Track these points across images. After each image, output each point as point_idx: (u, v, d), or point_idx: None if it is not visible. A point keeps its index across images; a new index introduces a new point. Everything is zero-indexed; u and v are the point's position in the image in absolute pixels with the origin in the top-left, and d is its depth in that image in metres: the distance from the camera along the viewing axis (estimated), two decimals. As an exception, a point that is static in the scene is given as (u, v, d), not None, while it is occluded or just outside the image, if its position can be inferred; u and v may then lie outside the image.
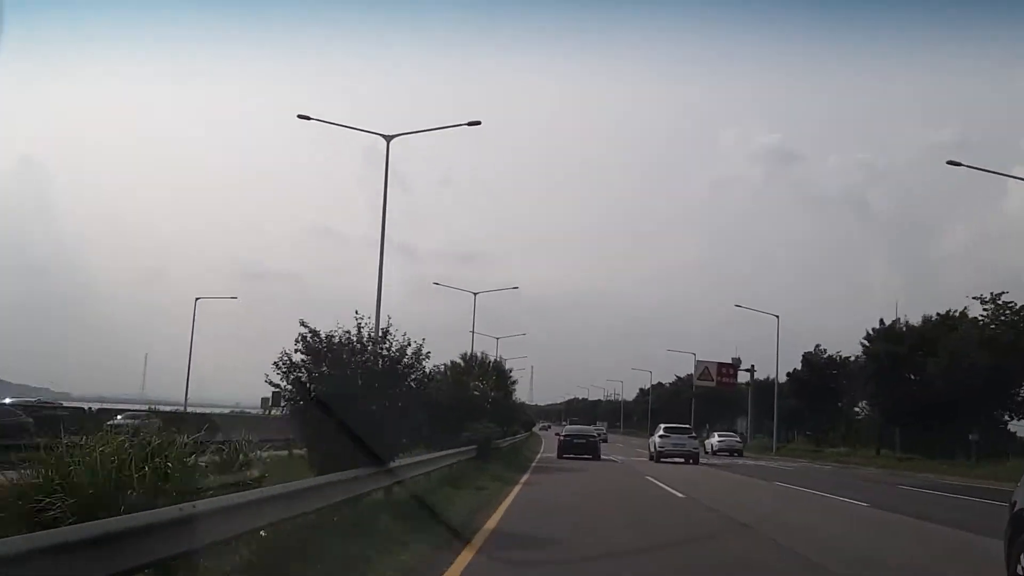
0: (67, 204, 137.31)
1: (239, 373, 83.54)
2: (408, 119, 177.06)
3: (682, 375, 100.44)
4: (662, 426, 39.67)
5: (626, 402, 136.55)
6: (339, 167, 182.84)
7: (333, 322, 12.41)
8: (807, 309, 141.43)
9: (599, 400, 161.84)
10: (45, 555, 4.30)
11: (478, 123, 30.43)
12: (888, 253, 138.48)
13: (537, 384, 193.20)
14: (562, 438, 38.66)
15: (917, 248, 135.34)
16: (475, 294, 55.22)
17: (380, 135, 28.69)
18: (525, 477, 23.34)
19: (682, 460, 35.61)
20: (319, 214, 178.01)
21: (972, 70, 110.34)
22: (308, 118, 28.86)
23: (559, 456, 35.89)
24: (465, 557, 8.91)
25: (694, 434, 40.50)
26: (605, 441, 62.06)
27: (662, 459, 35.68)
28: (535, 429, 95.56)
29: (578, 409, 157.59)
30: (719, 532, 12.81)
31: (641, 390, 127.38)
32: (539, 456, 37.63)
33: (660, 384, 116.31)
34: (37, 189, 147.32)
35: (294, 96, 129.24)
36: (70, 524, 5.13)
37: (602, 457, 36.94)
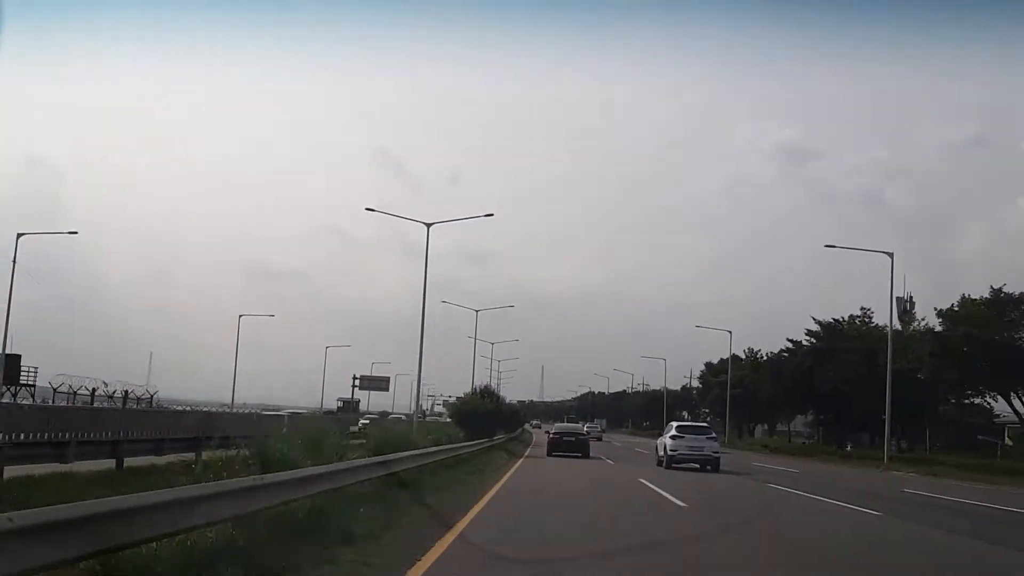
0: (76, 204, 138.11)
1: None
2: (417, 118, 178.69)
3: (811, 326, 60.07)
4: (674, 424, 33.48)
5: (672, 391, 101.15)
6: (347, 166, 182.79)
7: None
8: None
9: (623, 392, 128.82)
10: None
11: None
12: (905, 252, 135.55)
13: (548, 382, 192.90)
14: (551, 436, 39.37)
15: (934, 246, 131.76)
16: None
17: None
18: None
19: (697, 467, 29.37)
20: (327, 213, 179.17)
21: (991, 65, 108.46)
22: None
23: (548, 453, 36.50)
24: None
25: (714, 434, 32.83)
26: (599, 440, 63.91)
27: (673, 465, 29.21)
28: (527, 427, 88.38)
29: (593, 404, 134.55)
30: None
31: (708, 366, 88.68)
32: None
33: (748, 355, 77.25)
34: (46, 189, 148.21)
35: (301, 94, 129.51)
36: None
37: (591, 455, 36.72)
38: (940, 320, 47.18)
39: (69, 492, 11.42)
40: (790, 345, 65.16)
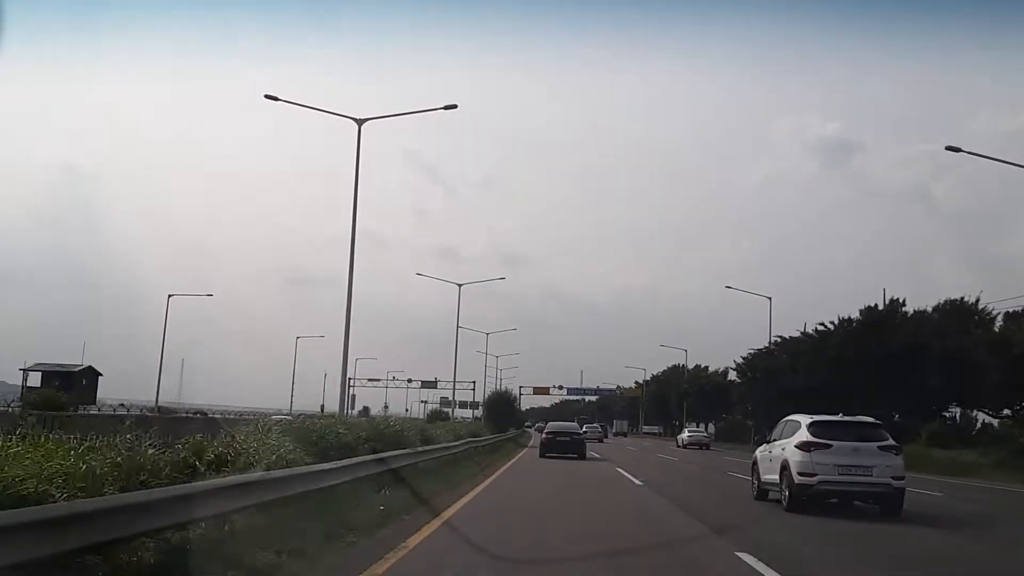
0: (111, 210, 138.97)
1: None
2: (444, 117, 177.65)
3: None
4: (804, 422, 15.94)
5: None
6: (382, 170, 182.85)
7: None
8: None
9: (691, 368, 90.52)
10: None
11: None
12: (956, 250, 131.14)
13: (587, 379, 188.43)
14: (545, 435, 37.47)
15: (988, 244, 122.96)
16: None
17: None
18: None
19: (835, 500, 15.34)
20: (362, 217, 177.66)
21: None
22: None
23: (541, 455, 34.44)
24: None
25: (893, 441, 15.76)
26: (600, 441, 62.27)
27: (805, 500, 14.82)
28: (528, 428, 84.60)
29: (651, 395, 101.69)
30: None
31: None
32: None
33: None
34: (81, 197, 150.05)
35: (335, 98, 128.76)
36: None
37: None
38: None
39: None
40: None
